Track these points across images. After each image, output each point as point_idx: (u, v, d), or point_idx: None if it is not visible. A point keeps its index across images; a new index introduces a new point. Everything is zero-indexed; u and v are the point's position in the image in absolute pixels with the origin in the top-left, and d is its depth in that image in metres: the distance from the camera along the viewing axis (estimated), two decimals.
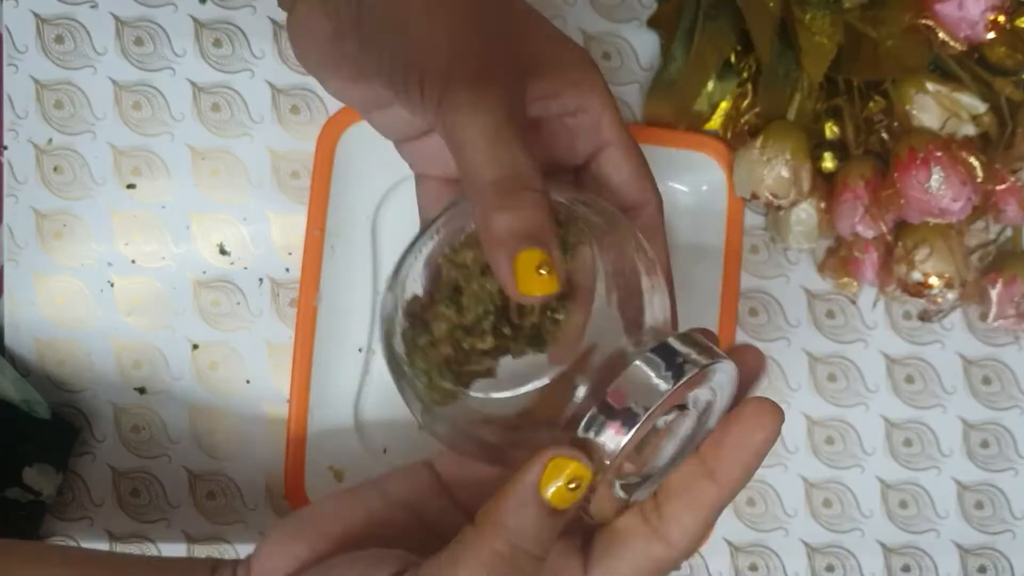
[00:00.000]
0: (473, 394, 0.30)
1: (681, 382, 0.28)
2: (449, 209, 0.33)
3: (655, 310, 0.31)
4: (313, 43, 0.34)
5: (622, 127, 0.34)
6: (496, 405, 0.30)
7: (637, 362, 0.28)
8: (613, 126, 0.34)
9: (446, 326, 0.30)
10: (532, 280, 0.28)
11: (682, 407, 0.30)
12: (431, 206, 0.37)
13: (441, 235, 0.32)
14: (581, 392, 0.29)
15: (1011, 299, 0.50)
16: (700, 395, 0.30)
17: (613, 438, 0.27)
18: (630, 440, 0.27)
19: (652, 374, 0.28)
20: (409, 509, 0.35)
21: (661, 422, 0.29)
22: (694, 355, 0.28)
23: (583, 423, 0.28)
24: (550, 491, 0.27)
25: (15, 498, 0.48)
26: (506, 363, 0.30)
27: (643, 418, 0.27)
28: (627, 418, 0.27)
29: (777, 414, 0.29)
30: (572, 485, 0.27)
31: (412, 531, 0.34)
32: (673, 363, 0.28)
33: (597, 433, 0.28)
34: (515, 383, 0.30)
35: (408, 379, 0.31)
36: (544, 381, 0.30)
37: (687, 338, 0.29)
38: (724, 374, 0.29)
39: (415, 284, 0.32)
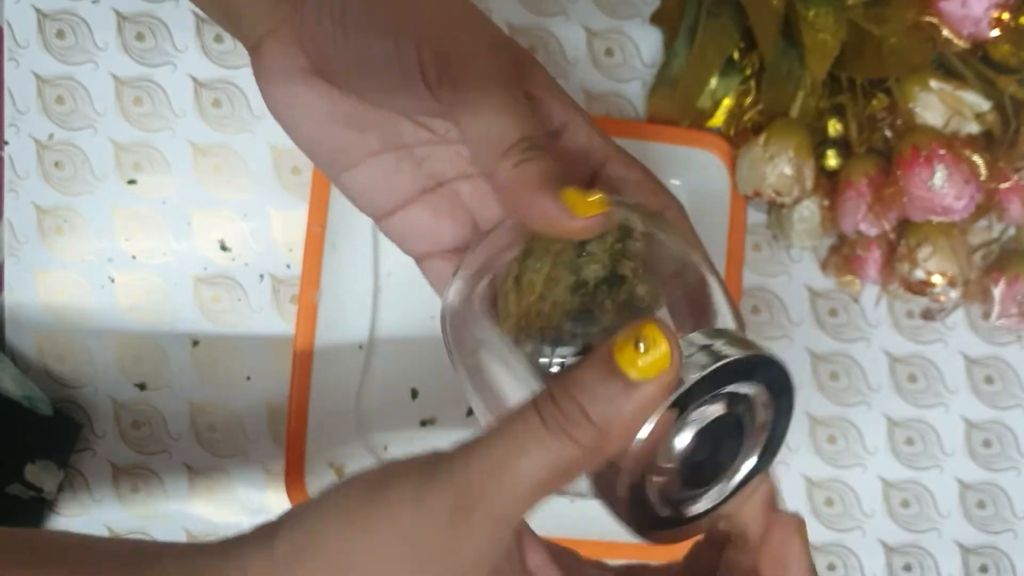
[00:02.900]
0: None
1: (716, 365, 0.25)
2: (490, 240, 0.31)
3: (718, 305, 0.30)
4: (286, 82, 0.32)
5: (612, 141, 0.33)
6: None
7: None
8: (605, 141, 0.32)
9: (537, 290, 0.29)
10: (587, 205, 0.26)
11: (730, 403, 0.28)
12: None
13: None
14: None
15: (1014, 298, 0.50)
16: (746, 394, 0.28)
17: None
18: (658, 418, 0.25)
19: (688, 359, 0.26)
20: None
21: (696, 415, 0.27)
22: (737, 348, 0.26)
23: None
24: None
25: (16, 494, 0.48)
26: None
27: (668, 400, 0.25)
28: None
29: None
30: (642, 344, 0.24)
31: None
32: (711, 349, 0.26)
33: None
34: None
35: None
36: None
37: (738, 337, 0.28)
38: (769, 373, 0.27)
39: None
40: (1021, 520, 0.55)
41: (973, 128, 0.49)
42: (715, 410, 0.27)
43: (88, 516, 0.53)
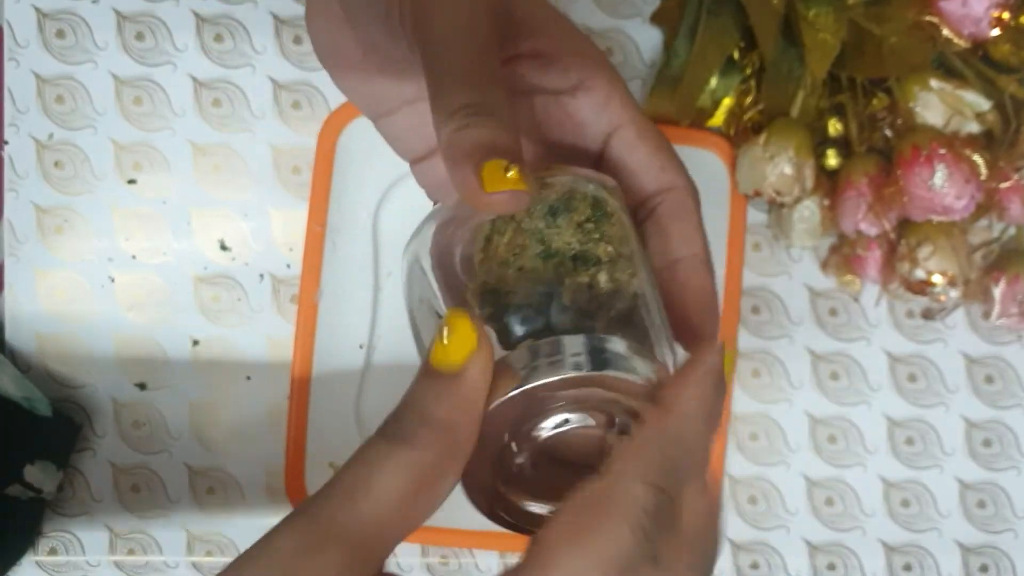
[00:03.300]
0: None
1: (572, 373, 0.25)
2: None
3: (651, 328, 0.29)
4: (326, 30, 0.33)
5: (634, 107, 0.31)
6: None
7: (564, 339, 0.26)
8: (624, 106, 0.31)
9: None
10: (499, 181, 0.25)
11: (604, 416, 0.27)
12: None
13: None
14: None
15: (1014, 297, 0.50)
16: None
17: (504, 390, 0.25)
18: (508, 396, 0.25)
19: (568, 354, 0.25)
20: None
21: (557, 420, 0.26)
22: (623, 358, 0.26)
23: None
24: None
25: (16, 495, 0.48)
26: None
27: (513, 391, 0.25)
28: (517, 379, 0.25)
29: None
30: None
31: None
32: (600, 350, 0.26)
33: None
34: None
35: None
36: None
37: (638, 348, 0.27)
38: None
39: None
40: (1021, 520, 0.55)
41: (973, 127, 0.49)
42: (581, 419, 0.26)
43: (88, 516, 0.53)
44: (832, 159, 0.51)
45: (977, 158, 0.47)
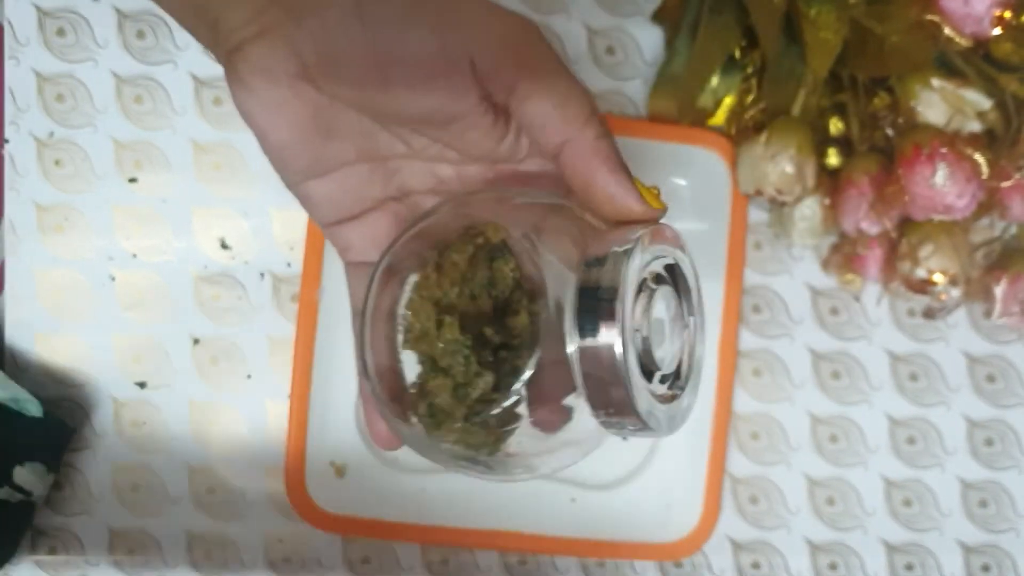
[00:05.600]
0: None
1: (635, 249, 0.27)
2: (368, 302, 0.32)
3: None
4: (271, 85, 0.30)
5: (563, 83, 0.31)
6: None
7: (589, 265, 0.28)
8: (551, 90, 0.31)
9: (447, 393, 0.30)
10: (653, 198, 0.30)
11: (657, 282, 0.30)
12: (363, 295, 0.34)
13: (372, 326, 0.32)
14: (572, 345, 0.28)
15: (1016, 296, 0.50)
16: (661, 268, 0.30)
17: (609, 328, 0.27)
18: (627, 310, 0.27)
19: (611, 267, 0.28)
20: None
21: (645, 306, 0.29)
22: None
23: (576, 331, 0.27)
24: None
25: (5, 498, 0.48)
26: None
27: (626, 287, 0.27)
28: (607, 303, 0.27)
29: None
30: None
31: None
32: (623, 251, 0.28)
33: (594, 335, 0.27)
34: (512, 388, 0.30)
35: (447, 451, 0.31)
36: (532, 365, 0.30)
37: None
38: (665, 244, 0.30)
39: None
40: (1023, 519, 0.54)
41: (975, 126, 0.48)
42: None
43: (88, 515, 0.52)
44: (833, 158, 0.51)
45: (978, 157, 0.47)
